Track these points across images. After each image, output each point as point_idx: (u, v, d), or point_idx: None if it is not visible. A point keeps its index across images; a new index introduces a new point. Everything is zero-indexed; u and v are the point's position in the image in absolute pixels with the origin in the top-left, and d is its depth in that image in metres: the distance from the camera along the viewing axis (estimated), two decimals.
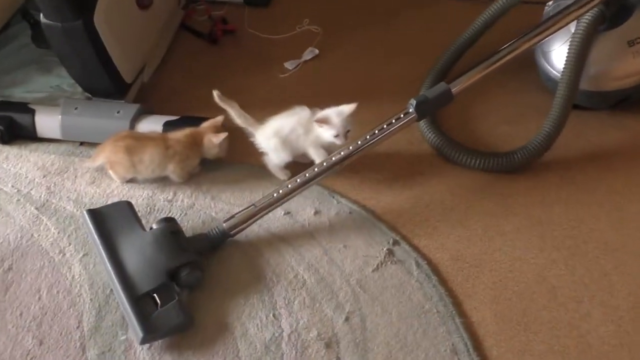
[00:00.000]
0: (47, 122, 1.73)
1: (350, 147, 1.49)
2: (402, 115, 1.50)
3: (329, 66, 2.01)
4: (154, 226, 1.42)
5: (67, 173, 1.67)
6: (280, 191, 1.47)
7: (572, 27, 1.61)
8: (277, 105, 1.60)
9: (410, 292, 1.37)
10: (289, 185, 1.47)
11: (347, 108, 1.50)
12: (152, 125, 1.69)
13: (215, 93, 1.57)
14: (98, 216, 1.45)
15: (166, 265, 1.34)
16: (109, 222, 1.43)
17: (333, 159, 1.49)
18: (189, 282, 1.36)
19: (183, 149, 1.58)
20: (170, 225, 1.42)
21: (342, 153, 1.49)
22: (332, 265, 1.43)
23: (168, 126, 1.68)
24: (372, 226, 1.51)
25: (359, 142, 1.49)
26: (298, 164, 1.59)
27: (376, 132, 1.50)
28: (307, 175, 1.48)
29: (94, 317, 1.34)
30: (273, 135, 1.56)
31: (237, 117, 1.59)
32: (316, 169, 1.49)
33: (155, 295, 1.31)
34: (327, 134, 1.51)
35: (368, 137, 1.49)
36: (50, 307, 1.37)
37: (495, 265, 1.42)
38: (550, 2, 1.76)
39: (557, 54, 1.71)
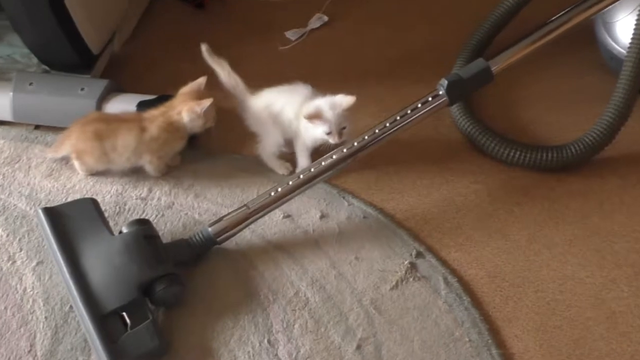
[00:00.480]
0: None
1: (366, 137, 1.48)
2: (430, 99, 1.49)
3: (339, 37, 2.00)
4: (124, 229, 1.41)
5: (19, 163, 1.66)
6: (279, 189, 1.46)
7: None
8: (273, 84, 1.60)
9: (437, 315, 1.36)
10: (290, 183, 1.46)
11: (344, 100, 1.49)
12: (123, 105, 1.69)
13: (203, 47, 1.57)
14: (56, 216, 1.44)
15: (138, 277, 1.34)
16: (69, 223, 1.42)
17: (345, 150, 1.48)
18: (166, 298, 1.36)
19: (160, 132, 1.57)
20: (143, 229, 1.41)
21: (355, 144, 1.48)
22: (341, 281, 1.42)
23: (143, 107, 1.67)
24: (391, 234, 1.50)
25: (377, 131, 1.48)
26: None
27: (398, 118, 1.48)
28: (312, 170, 1.47)
29: (49, 339, 1.33)
30: (264, 108, 1.57)
31: (227, 79, 1.60)
32: (323, 163, 1.48)
33: (124, 314, 1.30)
34: (318, 130, 1.50)
35: (388, 124, 1.48)
36: None
37: (542, 285, 1.41)
38: None
39: (623, 25, 1.70)
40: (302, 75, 1.60)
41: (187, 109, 1.57)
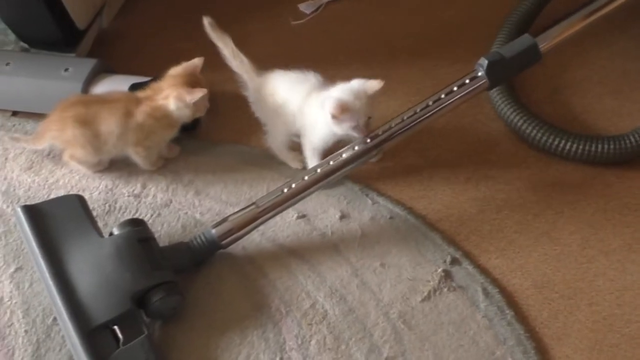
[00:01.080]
0: None
1: (393, 126, 1.48)
2: (467, 81, 1.49)
3: (361, 9, 2.00)
4: (115, 231, 1.42)
5: None
6: (293, 186, 1.46)
7: None
8: (284, 64, 1.60)
9: (475, 331, 1.36)
10: (305, 178, 1.47)
11: (369, 86, 1.46)
12: (113, 88, 1.69)
13: (206, 21, 1.57)
14: (37, 215, 1.44)
15: (131, 286, 1.34)
16: (52, 223, 1.43)
17: (368, 141, 1.47)
18: (163, 310, 1.36)
19: (145, 119, 1.56)
20: (137, 231, 1.42)
21: (380, 134, 1.48)
22: (364, 291, 1.42)
23: (136, 90, 1.67)
24: (422, 237, 1.50)
25: (405, 118, 1.48)
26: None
27: (430, 103, 1.48)
28: (330, 163, 1.47)
29: (29, 357, 1.34)
30: (270, 94, 1.57)
31: (232, 58, 1.60)
32: (344, 155, 1.48)
33: (115, 327, 1.30)
34: (343, 126, 1.47)
35: (418, 110, 1.48)
36: None
37: (597, 297, 1.41)
38: None
39: None
40: (318, 54, 1.61)
41: (175, 95, 1.55)
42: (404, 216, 1.54)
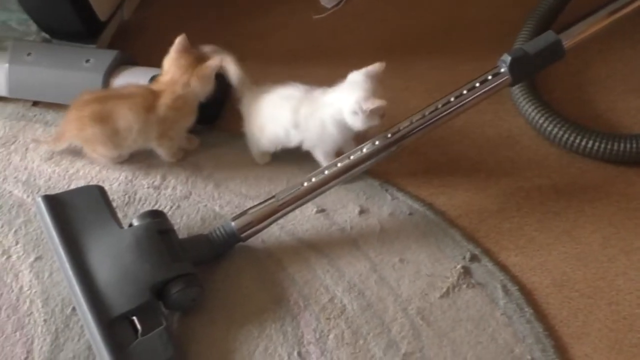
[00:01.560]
0: None
1: (414, 121, 1.47)
2: (490, 77, 1.48)
3: (383, 4, 2.00)
4: (135, 222, 1.42)
5: (15, 144, 1.69)
6: (313, 180, 1.46)
7: None
8: (305, 59, 1.61)
9: (494, 328, 1.36)
10: (326, 172, 1.47)
11: (374, 69, 1.46)
12: (134, 79, 1.69)
13: (207, 48, 1.57)
14: (57, 205, 1.45)
15: (151, 277, 1.34)
16: (72, 213, 1.44)
17: (389, 136, 1.47)
18: (182, 302, 1.37)
19: (167, 111, 1.57)
20: (157, 222, 1.42)
21: (401, 128, 1.48)
22: (383, 286, 1.43)
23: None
24: (441, 233, 1.50)
25: (427, 114, 1.47)
26: None
27: (452, 99, 1.48)
28: (351, 158, 1.47)
29: (48, 346, 1.35)
30: (257, 111, 1.57)
31: (234, 74, 1.58)
32: (364, 150, 1.48)
33: (134, 318, 1.31)
34: (370, 119, 1.45)
35: (440, 106, 1.48)
36: None
37: (618, 297, 1.40)
38: None
39: None
40: (337, 49, 1.60)
41: (197, 76, 1.56)
42: (423, 212, 1.54)
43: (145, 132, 1.58)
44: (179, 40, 1.58)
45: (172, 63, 1.59)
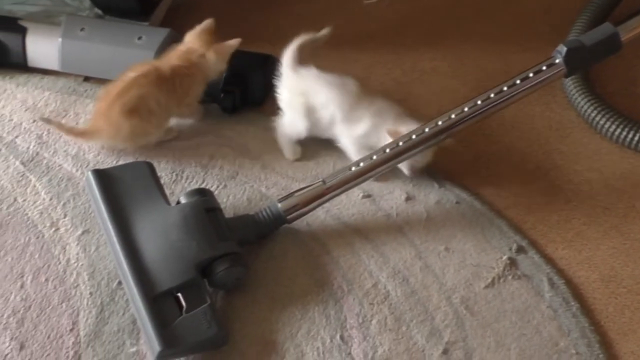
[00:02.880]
0: (41, 46, 1.77)
1: (465, 109, 1.46)
2: (544, 67, 1.46)
3: None
4: (182, 200, 1.43)
5: (66, 118, 1.70)
6: (361, 164, 1.46)
7: None
8: (354, 45, 1.60)
9: (539, 321, 1.35)
10: (374, 157, 1.46)
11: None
12: None
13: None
14: (106, 180, 1.46)
15: (197, 255, 1.35)
16: (121, 188, 1.45)
17: (440, 123, 1.46)
18: (227, 281, 1.37)
19: (184, 80, 1.60)
20: (204, 201, 1.43)
21: (452, 116, 1.47)
22: (427, 274, 1.42)
23: None
24: (488, 224, 1.49)
25: (479, 103, 1.46)
26: None
27: (505, 89, 1.46)
28: (400, 144, 1.47)
29: (93, 318, 1.36)
30: (300, 93, 1.57)
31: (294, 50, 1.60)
32: (414, 137, 1.47)
33: (179, 295, 1.32)
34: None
35: (492, 95, 1.46)
36: (36, 299, 1.39)
37: None
38: None
39: None
40: (387, 35, 1.59)
41: (215, 50, 1.61)
42: (470, 201, 1.53)
43: (168, 106, 1.61)
44: (206, 22, 1.64)
45: (194, 36, 1.64)
